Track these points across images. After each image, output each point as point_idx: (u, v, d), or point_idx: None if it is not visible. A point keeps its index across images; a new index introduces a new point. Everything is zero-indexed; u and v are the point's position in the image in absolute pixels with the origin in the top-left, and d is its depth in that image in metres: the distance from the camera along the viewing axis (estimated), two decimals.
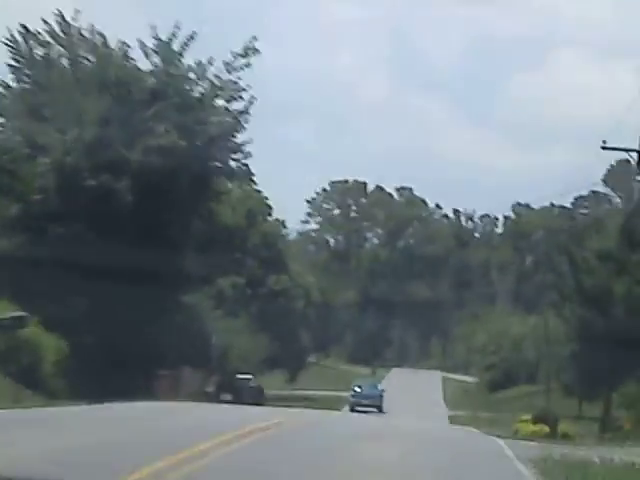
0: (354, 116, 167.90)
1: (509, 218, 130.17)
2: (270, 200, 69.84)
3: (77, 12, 39.60)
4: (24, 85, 40.40)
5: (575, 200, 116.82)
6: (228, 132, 40.98)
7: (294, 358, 72.19)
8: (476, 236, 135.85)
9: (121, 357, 34.47)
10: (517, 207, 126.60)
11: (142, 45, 39.83)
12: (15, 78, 40.17)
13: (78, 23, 39.72)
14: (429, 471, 14.25)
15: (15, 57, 39.50)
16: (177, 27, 39.68)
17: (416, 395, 69.28)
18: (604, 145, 39.96)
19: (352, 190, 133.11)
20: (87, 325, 35.16)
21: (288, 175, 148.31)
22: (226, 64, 40.01)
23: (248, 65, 40.27)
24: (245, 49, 40.07)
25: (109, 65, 39.26)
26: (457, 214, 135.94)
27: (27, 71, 40.10)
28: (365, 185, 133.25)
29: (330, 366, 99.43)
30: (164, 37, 39.85)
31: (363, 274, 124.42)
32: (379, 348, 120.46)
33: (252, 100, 40.79)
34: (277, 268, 66.97)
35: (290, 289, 68.32)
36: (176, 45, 39.97)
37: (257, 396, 48.75)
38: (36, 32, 39.68)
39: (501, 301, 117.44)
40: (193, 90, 40.81)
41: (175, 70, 40.24)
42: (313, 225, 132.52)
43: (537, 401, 52.28)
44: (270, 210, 70.46)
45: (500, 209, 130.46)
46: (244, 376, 49.93)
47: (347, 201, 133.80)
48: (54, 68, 39.79)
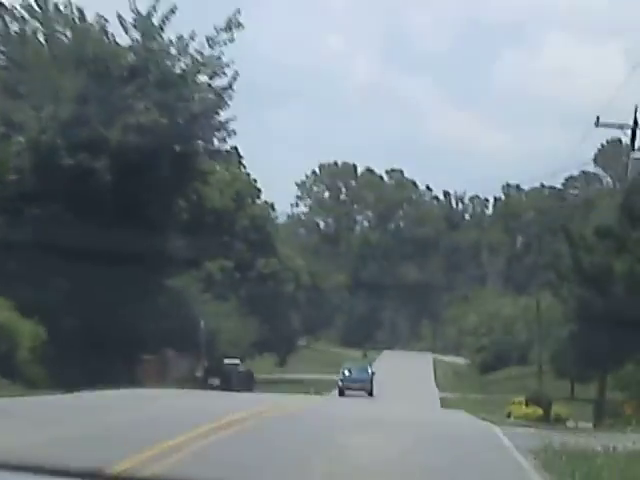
0: (344, 98, 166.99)
1: (499, 199, 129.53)
2: (259, 183, 69.12)
3: None
4: None
5: (565, 180, 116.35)
6: (211, 109, 39.84)
7: (284, 342, 71.49)
8: (466, 218, 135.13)
9: (102, 342, 33.48)
10: (507, 188, 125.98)
11: (121, 19, 38.74)
12: None
13: None
14: (425, 469, 12.99)
15: None
16: (157, 0, 38.48)
17: (407, 377, 68.47)
18: (598, 122, 39.08)
19: (342, 173, 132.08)
20: (65, 309, 34.11)
21: (277, 158, 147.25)
22: (208, 39, 38.83)
23: (232, 40, 39.09)
24: (228, 23, 38.83)
25: (86, 40, 38.13)
26: (447, 196, 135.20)
27: (2, 48, 38.97)
28: (355, 167, 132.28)
29: (321, 349, 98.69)
30: (144, 11, 38.73)
31: (353, 257, 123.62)
32: (370, 330, 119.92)
33: (235, 76, 39.66)
34: (266, 251, 66.09)
35: (279, 272, 67.46)
36: (156, 19, 38.83)
37: (246, 381, 47.73)
38: (12, 7, 38.53)
39: (492, 282, 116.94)
40: (174, 66, 39.59)
41: (155, 45, 39.06)
42: (303, 208, 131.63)
43: (529, 383, 51.61)
44: (259, 193, 69.78)
45: (490, 190, 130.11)
46: (231, 361, 48.86)
47: (337, 184, 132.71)
48: (29, 44, 38.63)
